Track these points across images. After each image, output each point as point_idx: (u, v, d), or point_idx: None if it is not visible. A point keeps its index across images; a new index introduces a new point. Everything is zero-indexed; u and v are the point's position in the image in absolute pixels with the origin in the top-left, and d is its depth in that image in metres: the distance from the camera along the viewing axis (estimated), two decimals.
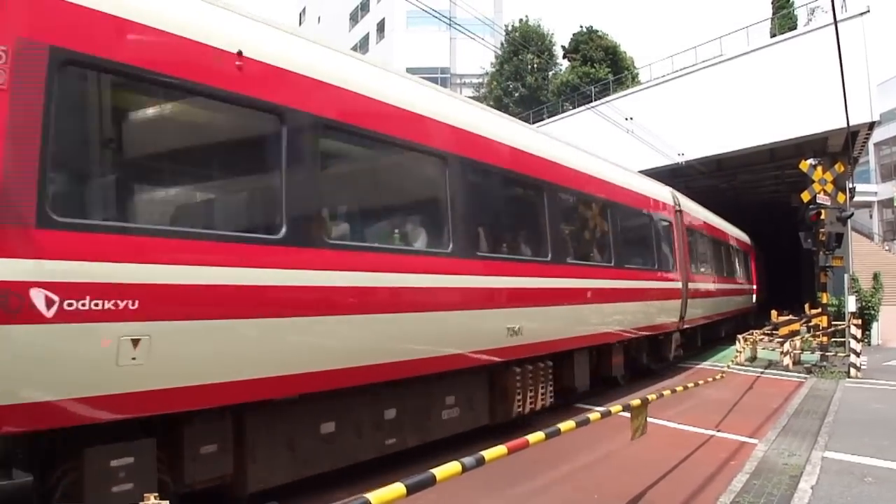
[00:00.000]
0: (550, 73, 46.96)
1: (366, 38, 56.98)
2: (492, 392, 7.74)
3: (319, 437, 5.45)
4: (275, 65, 4.96)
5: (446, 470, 3.28)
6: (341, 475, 5.82)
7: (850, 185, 19.39)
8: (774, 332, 17.92)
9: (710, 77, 23.10)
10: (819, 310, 17.04)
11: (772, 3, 36.94)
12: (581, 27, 45.71)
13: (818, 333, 16.24)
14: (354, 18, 59.81)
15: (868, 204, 41.26)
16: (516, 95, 45.97)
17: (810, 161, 17.03)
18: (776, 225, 30.85)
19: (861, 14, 18.81)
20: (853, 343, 13.80)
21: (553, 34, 47.52)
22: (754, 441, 7.82)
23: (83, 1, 3.89)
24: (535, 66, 46.52)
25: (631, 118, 21.48)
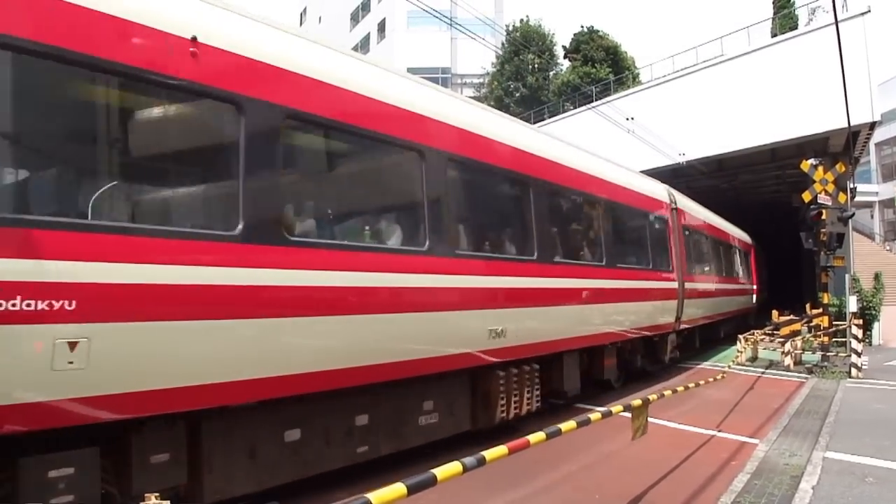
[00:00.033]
0: (551, 73, 46.87)
1: (366, 38, 56.95)
2: (474, 397, 7.44)
3: (283, 445, 5.16)
4: (233, 52, 4.69)
5: (447, 470, 3.27)
6: (341, 475, 5.81)
7: (852, 185, 19.37)
8: (775, 332, 17.90)
9: (711, 77, 23.09)
10: (820, 310, 17.03)
11: (773, 3, 36.92)
12: (582, 27, 45.67)
13: (819, 333, 16.25)
14: (355, 18, 59.79)
15: (869, 204, 41.19)
16: (517, 95, 45.92)
17: (811, 161, 17.04)
18: (777, 225, 30.84)
19: (862, 14, 18.81)
20: (854, 343, 13.80)
21: (554, 34, 47.53)
22: (755, 441, 7.82)
23: None
24: (536, 66, 46.45)
25: (632, 118, 21.47)
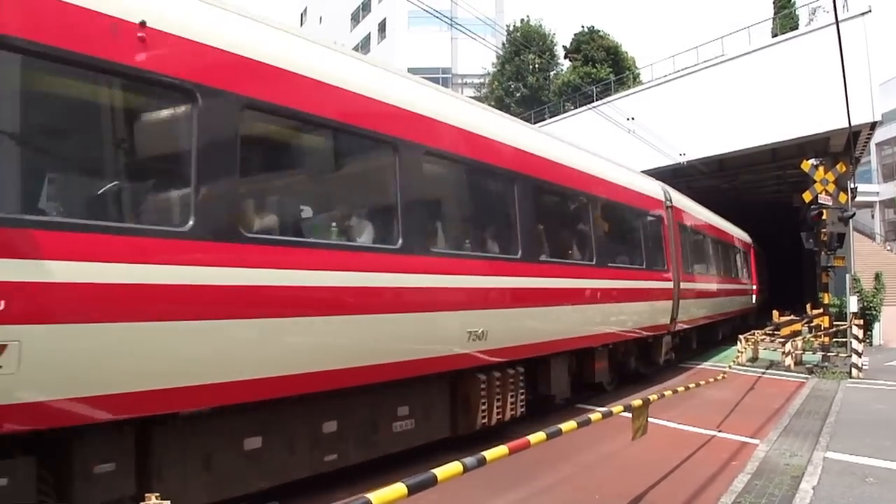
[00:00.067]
0: (552, 74, 46.87)
1: (367, 38, 56.99)
2: (454, 402, 7.13)
3: (243, 454, 4.86)
4: (186, 38, 4.42)
5: (447, 470, 3.27)
6: (341, 475, 5.81)
7: (852, 186, 19.40)
8: (776, 333, 17.90)
9: (712, 77, 23.09)
10: (821, 310, 17.04)
11: (773, 3, 36.94)
12: (582, 27, 45.71)
13: (820, 334, 16.25)
14: (356, 18, 59.83)
15: (870, 204, 41.15)
16: (518, 96, 45.93)
17: (812, 161, 17.05)
18: (778, 225, 30.81)
19: (862, 14, 18.80)
20: (855, 343, 13.79)
21: (554, 34, 47.54)
22: (756, 441, 7.82)
23: None
24: (537, 67, 46.43)
25: (632, 118, 21.49)
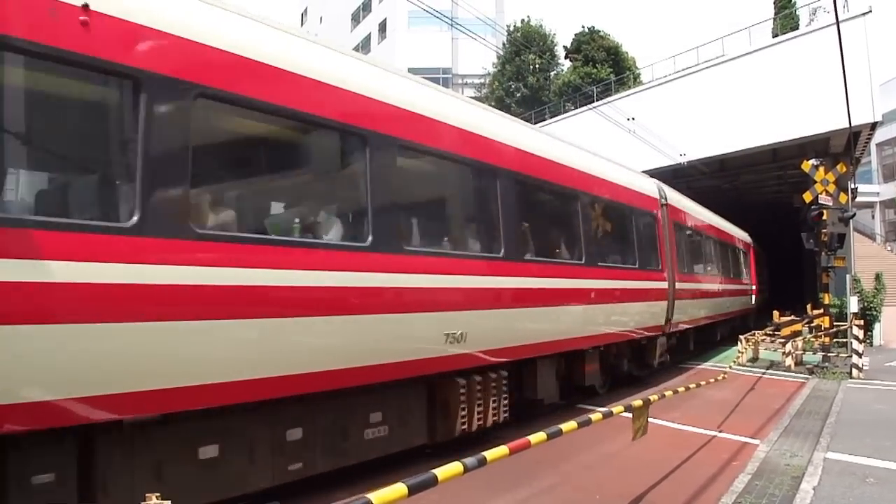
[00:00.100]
0: (552, 74, 46.90)
1: (367, 39, 57.01)
2: (431, 407, 6.80)
3: (198, 464, 4.54)
4: (133, 22, 4.15)
5: (448, 470, 3.27)
6: (342, 475, 5.81)
7: (853, 186, 19.40)
8: (776, 333, 17.90)
9: (713, 77, 23.09)
10: (821, 310, 17.04)
11: (774, 4, 36.96)
12: (583, 27, 45.73)
13: (820, 334, 16.25)
14: (356, 19, 59.84)
15: (870, 204, 41.15)
16: (518, 96, 45.94)
17: (812, 161, 17.07)
18: (779, 225, 30.81)
19: (863, 14, 18.80)
20: (855, 344, 13.78)
21: (555, 34, 47.57)
22: (756, 442, 7.82)
23: None
24: (537, 67, 46.45)
25: (633, 118, 21.48)
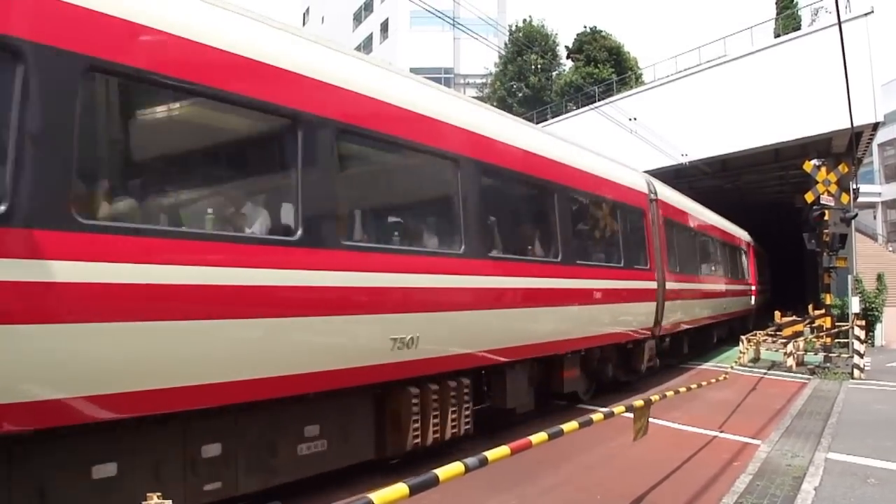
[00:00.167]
0: (554, 74, 46.89)
1: (369, 39, 57.05)
2: (379, 419, 6.19)
3: (90, 484, 4.06)
4: None
5: (449, 470, 3.28)
6: (342, 475, 5.82)
7: (854, 186, 19.38)
8: (778, 333, 17.89)
9: (714, 77, 23.09)
10: (822, 311, 17.03)
11: (776, 4, 36.95)
12: (585, 27, 45.74)
13: (822, 334, 16.24)
14: (358, 18, 59.89)
15: (872, 205, 41.11)
16: (520, 96, 45.95)
17: (814, 162, 17.07)
18: (780, 226, 30.81)
19: (865, 15, 18.78)
20: (857, 344, 13.77)
21: (557, 34, 47.56)
22: (757, 442, 7.82)
23: None
24: (539, 67, 46.42)
25: (635, 119, 21.46)
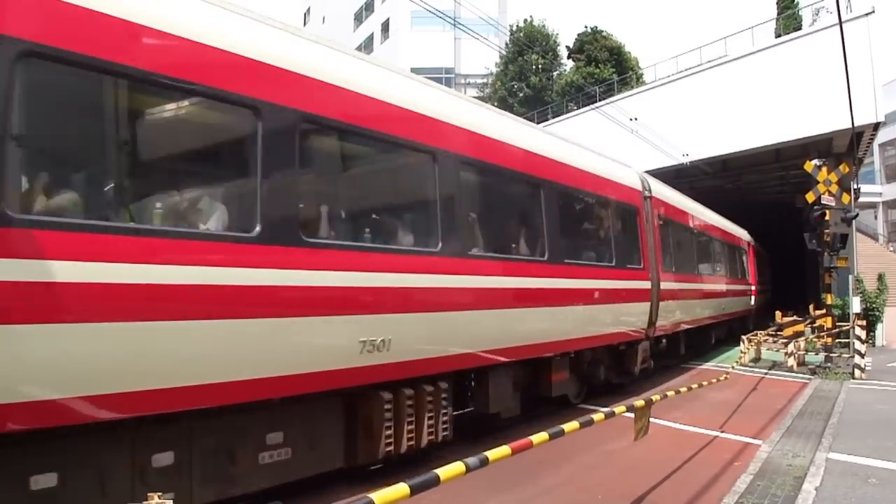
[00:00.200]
0: (555, 74, 46.87)
1: (370, 39, 57.05)
2: (350, 426, 5.86)
3: (28, 495, 3.82)
4: None
5: (450, 470, 3.28)
6: (343, 475, 5.83)
7: (855, 186, 19.35)
8: (779, 333, 17.89)
9: (715, 77, 23.08)
10: (823, 311, 17.02)
11: (776, 4, 36.87)
12: (586, 27, 45.68)
13: (822, 334, 16.24)
14: (359, 19, 59.90)
15: (873, 205, 41.05)
16: (521, 96, 45.93)
17: (815, 162, 17.05)
18: (781, 226, 30.80)
19: (866, 15, 18.76)
20: (857, 344, 13.77)
21: (558, 34, 47.52)
22: (758, 442, 7.82)
23: None
24: (540, 67, 46.40)
25: (636, 119, 21.46)
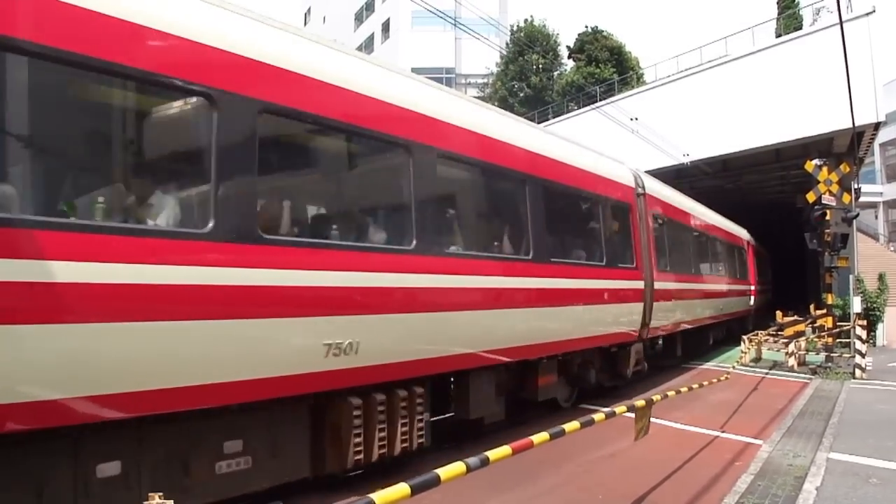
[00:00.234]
0: (555, 74, 46.87)
1: (371, 39, 57.07)
2: (317, 433, 5.62)
3: None
4: None
5: (451, 470, 3.28)
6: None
7: (856, 186, 19.33)
8: (779, 333, 17.89)
9: (716, 77, 23.08)
10: (824, 311, 17.01)
11: (777, 4, 36.86)
12: (586, 27, 45.71)
13: (823, 334, 16.23)
14: (359, 18, 59.92)
15: (873, 204, 41.05)
16: (521, 96, 45.92)
17: (815, 161, 17.05)
18: (782, 225, 30.77)
19: (867, 14, 18.75)
20: (858, 344, 13.77)
21: (558, 34, 47.53)
22: (759, 442, 7.82)
23: None
24: (540, 67, 46.38)
25: (636, 118, 21.46)
